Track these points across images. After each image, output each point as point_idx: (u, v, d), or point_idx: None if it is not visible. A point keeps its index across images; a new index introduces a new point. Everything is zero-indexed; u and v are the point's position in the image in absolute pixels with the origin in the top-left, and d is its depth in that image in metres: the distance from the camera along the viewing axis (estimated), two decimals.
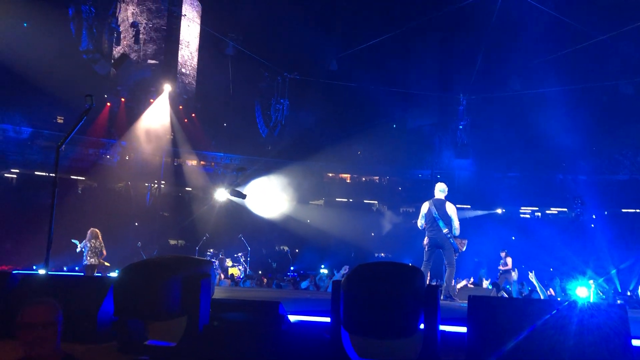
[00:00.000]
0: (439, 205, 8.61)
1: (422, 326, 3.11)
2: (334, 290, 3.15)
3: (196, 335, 3.33)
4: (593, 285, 14.30)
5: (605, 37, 17.05)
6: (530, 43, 19.86)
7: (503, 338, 2.97)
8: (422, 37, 21.53)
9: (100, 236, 12.63)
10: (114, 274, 11.90)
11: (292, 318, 3.99)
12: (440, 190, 8.82)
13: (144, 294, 3.23)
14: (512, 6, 17.77)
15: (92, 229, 12.74)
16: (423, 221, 8.76)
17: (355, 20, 21.85)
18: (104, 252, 12.77)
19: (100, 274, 12.40)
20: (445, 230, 8.46)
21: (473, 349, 2.98)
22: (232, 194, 13.97)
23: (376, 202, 28.88)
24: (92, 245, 12.50)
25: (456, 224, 8.56)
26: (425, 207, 8.76)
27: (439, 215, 8.51)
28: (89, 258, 12.39)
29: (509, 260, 15.52)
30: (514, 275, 14.49)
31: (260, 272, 19.07)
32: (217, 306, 3.81)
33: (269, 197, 23.60)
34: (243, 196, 13.79)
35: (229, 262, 18.07)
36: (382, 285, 2.98)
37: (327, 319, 3.32)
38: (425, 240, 8.75)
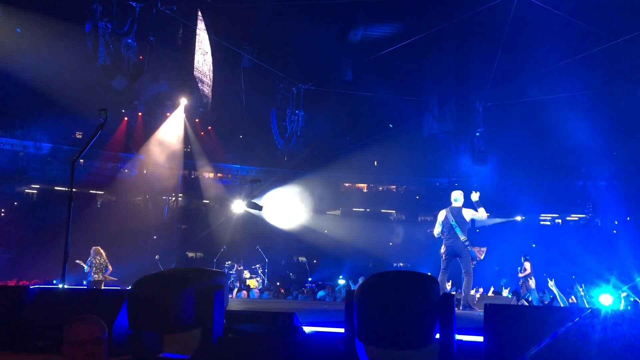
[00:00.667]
0: (456, 212, 8.54)
1: (437, 336, 3.06)
2: (347, 300, 3.12)
3: (210, 347, 3.32)
4: (624, 294, 14.02)
5: (621, 40, 16.84)
6: (546, 48, 19.69)
7: (521, 347, 2.90)
8: (437, 45, 21.45)
9: (103, 253, 13.25)
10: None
11: (307, 329, 3.96)
12: (456, 198, 8.76)
13: (157, 307, 3.23)
14: (526, 11, 17.66)
15: (94, 247, 13.31)
16: (440, 229, 8.69)
17: (370, 28, 21.89)
18: (109, 267, 13.38)
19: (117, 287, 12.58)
20: (462, 238, 8.38)
21: (490, 358, 2.92)
22: (248, 206, 14.00)
23: (394, 211, 28.74)
24: (97, 262, 13.07)
25: (481, 213, 8.52)
26: (442, 215, 8.70)
27: (456, 222, 8.43)
28: (93, 274, 12.94)
29: (527, 265, 15.32)
30: (532, 282, 14.26)
31: (278, 283, 19.06)
32: (231, 318, 3.80)
33: (286, 207, 23.62)
34: (259, 208, 13.81)
35: (246, 274, 18.07)
36: (396, 295, 2.94)
37: (342, 330, 3.28)
38: (443, 249, 8.68)
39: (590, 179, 23.18)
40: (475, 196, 8.84)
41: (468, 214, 8.53)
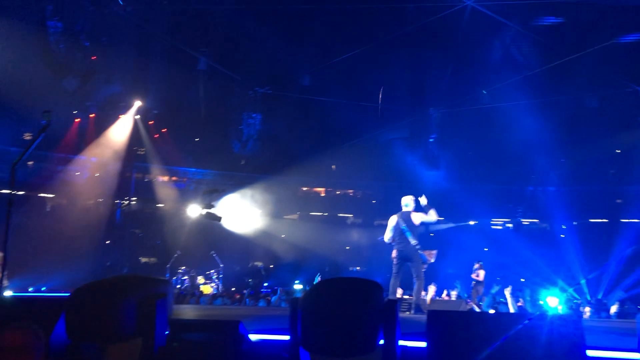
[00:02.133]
0: (406, 217, 8.67)
1: (382, 342, 3.08)
2: (291, 308, 3.10)
3: (151, 357, 3.24)
4: (565, 296, 14.54)
5: (573, 57, 17.50)
6: (499, 57, 20.21)
7: (463, 353, 2.95)
8: (393, 52, 21.74)
9: None
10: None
11: (254, 337, 3.93)
12: (406, 204, 8.89)
13: (96, 316, 3.14)
14: (480, 21, 18.11)
15: None
16: (391, 235, 8.81)
17: (328, 35, 21.96)
18: None
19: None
20: (413, 242, 8.50)
21: None
22: (206, 217, 13.82)
23: (351, 215, 28.90)
24: None
25: (431, 215, 8.61)
26: (392, 220, 8.82)
27: (407, 227, 8.55)
28: None
29: (482, 273, 15.67)
30: (481, 289, 14.65)
31: (233, 289, 18.88)
32: (176, 326, 3.73)
33: (243, 212, 23.44)
34: (218, 219, 13.63)
35: (201, 280, 17.83)
36: (338, 302, 2.94)
37: (283, 337, 3.26)
38: (394, 253, 8.81)
39: (540, 184, 23.91)
40: (423, 200, 8.99)
41: (418, 218, 8.67)
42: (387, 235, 8.81)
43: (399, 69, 21.86)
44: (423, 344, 3.26)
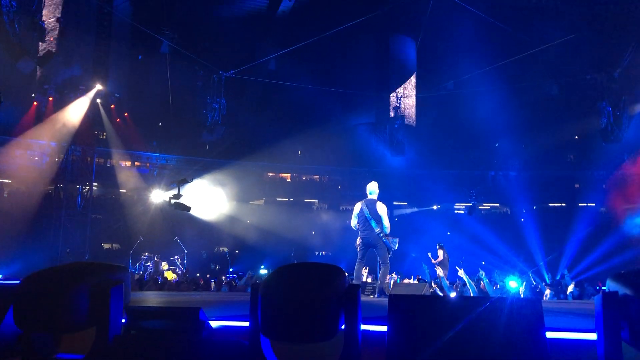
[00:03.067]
0: (371, 205, 8.69)
1: (344, 327, 3.06)
2: (252, 293, 3.06)
3: (106, 346, 3.15)
4: (525, 278, 14.89)
5: (537, 50, 17.75)
6: (464, 44, 20.40)
7: (423, 337, 2.96)
8: (359, 37, 21.71)
9: None
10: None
11: (215, 324, 3.87)
12: (371, 191, 8.91)
13: (47, 305, 3.02)
14: (446, 8, 18.21)
15: None
16: (356, 221, 8.83)
17: (294, 19, 21.78)
18: None
19: None
20: (377, 230, 8.53)
21: (393, 348, 2.95)
22: (175, 208, 13.57)
23: (316, 201, 28.95)
24: None
25: (386, 222, 8.65)
26: (357, 207, 8.84)
27: (371, 215, 8.58)
28: None
29: (440, 252, 15.92)
30: (440, 271, 14.85)
31: (198, 274, 18.70)
32: (134, 314, 3.63)
33: (208, 197, 23.20)
34: (187, 209, 13.38)
35: (164, 266, 17.60)
36: (299, 287, 2.91)
37: (243, 324, 3.22)
38: (358, 241, 8.85)
39: (501, 169, 24.37)
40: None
41: (382, 209, 8.70)
42: (353, 222, 8.85)
43: (365, 55, 21.90)
44: (384, 328, 3.26)
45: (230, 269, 20.47)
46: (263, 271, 18.53)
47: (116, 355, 3.10)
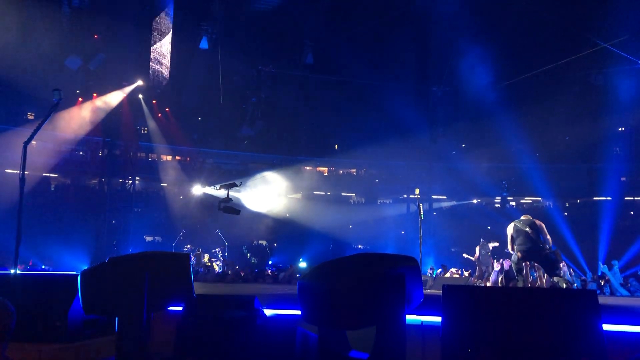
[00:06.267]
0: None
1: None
2: (300, 284, 3.16)
3: (169, 330, 3.30)
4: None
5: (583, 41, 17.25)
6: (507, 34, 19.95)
7: (477, 327, 2.98)
8: (398, 29, 21.55)
9: None
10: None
11: (268, 312, 3.98)
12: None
13: (117, 290, 3.18)
14: None
15: None
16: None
17: (333, 10, 21.73)
18: None
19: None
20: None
21: (447, 338, 2.99)
22: (224, 211, 13.75)
23: (354, 194, 28.94)
24: None
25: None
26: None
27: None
28: None
29: (477, 249, 15.84)
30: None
31: (237, 267, 19.00)
32: (194, 301, 3.78)
33: (247, 192, 23.48)
34: (237, 212, 13.54)
35: (206, 258, 17.94)
36: (337, 279, 2.98)
37: (296, 312, 3.31)
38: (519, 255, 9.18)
39: (543, 161, 23.83)
40: None
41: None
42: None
43: (405, 45, 21.69)
44: (438, 319, 3.30)
45: (270, 262, 20.72)
46: (302, 264, 18.68)
47: (182, 340, 3.23)
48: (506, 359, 2.98)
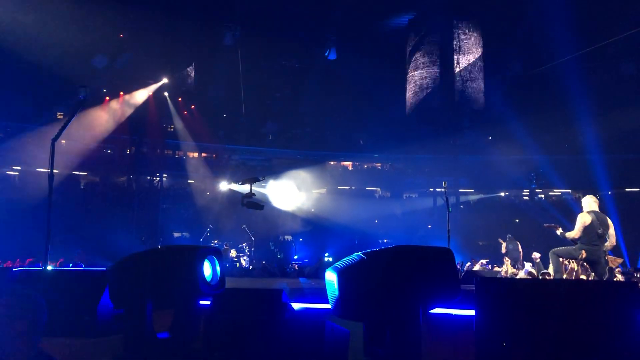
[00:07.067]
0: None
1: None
2: (330, 278, 3.11)
3: (198, 323, 3.29)
4: None
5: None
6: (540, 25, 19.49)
7: (513, 320, 2.89)
8: (424, 23, 21.35)
9: None
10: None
11: (296, 306, 3.95)
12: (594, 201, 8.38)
13: (148, 284, 3.18)
14: None
15: None
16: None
17: (354, 6, 21.61)
18: None
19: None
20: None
21: (481, 331, 2.90)
22: (248, 206, 13.75)
23: (379, 189, 28.80)
24: None
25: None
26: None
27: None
28: None
29: (504, 244, 15.64)
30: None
31: (264, 262, 19.08)
32: (222, 295, 3.77)
33: (272, 187, 23.54)
34: (260, 207, 13.55)
35: (233, 253, 18.07)
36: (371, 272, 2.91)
37: (327, 306, 3.26)
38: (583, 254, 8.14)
39: (574, 153, 23.33)
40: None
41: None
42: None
43: (429, 36, 21.50)
44: (471, 312, 3.22)
45: (295, 257, 20.75)
46: (328, 259, 18.64)
47: (210, 333, 3.22)
48: (542, 354, 2.87)
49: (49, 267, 5.70)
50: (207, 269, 3.51)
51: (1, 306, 2.82)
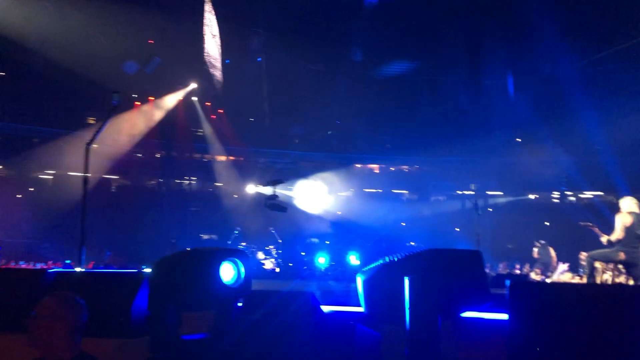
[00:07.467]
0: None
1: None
2: (359, 282, 3.11)
3: (229, 325, 3.31)
4: None
5: None
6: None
7: (548, 325, 2.83)
8: (446, 21, 21.13)
9: None
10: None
11: (325, 308, 3.95)
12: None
13: (182, 286, 3.22)
14: None
15: None
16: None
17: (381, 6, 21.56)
18: None
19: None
20: None
21: (515, 336, 2.86)
22: (271, 208, 13.84)
23: (406, 191, 28.63)
24: None
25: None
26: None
27: None
28: None
29: (535, 250, 15.40)
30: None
31: (290, 264, 19.14)
32: (251, 297, 3.79)
33: (298, 190, 23.62)
34: (284, 209, 13.65)
35: (260, 255, 18.19)
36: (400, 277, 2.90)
37: (357, 309, 3.26)
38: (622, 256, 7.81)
39: (607, 154, 22.81)
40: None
41: None
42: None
43: (453, 38, 21.29)
44: (505, 316, 3.17)
45: (324, 260, 20.73)
46: (355, 262, 18.58)
47: (239, 336, 3.25)
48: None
49: (81, 269, 5.82)
50: (228, 271, 3.53)
51: (42, 307, 2.90)
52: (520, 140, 24.13)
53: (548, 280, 12.55)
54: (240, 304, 3.75)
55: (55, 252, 17.95)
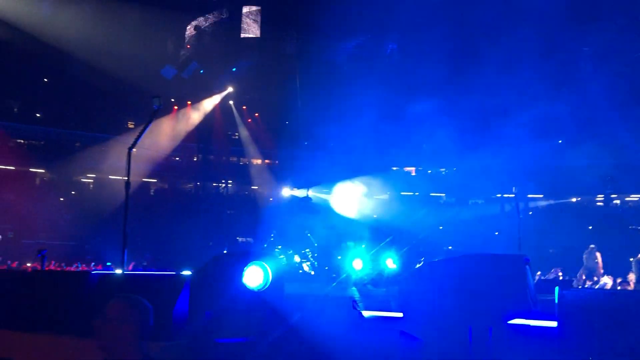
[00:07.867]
0: None
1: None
2: (399, 288, 3.06)
3: (270, 330, 3.31)
4: None
5: None
6: None
7: (597, 332, 2.73)
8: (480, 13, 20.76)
9: None
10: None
11: (365, 313, 3.90)
12: None
13: (223, 288, 3.24)
14: None
15: None
16: None
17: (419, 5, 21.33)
18: None
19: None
20: None
21: (565, 343, 2.76)
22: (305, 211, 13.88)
23: (443, 194, 28.25)
24: None
25: None
26: None
27: None
28: None
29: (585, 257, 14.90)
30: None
31: (327, 267, 19.09)
32: (290, 301, 3.78)
33: (334, 193, 23.59)
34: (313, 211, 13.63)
35: (297, 258, 18.20)
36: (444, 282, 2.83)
37: (396, 314, 3.20)
38: None
39: None
40: None
41: None
42: None
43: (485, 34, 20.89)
44: (553, 324, 3.07)
45: (360, 265, 20.61)
46: (392, 266, 18.39)
47: (281, 338, 3.23)
48: None
49: (121, 271, 5.91)
50: (256, 275, 3.52)
51: (112, 309, 2.88)
52: (561, 141, 23.53)
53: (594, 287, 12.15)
54: (274, 308, 3.73)
55: (96, 254, 18.37)
